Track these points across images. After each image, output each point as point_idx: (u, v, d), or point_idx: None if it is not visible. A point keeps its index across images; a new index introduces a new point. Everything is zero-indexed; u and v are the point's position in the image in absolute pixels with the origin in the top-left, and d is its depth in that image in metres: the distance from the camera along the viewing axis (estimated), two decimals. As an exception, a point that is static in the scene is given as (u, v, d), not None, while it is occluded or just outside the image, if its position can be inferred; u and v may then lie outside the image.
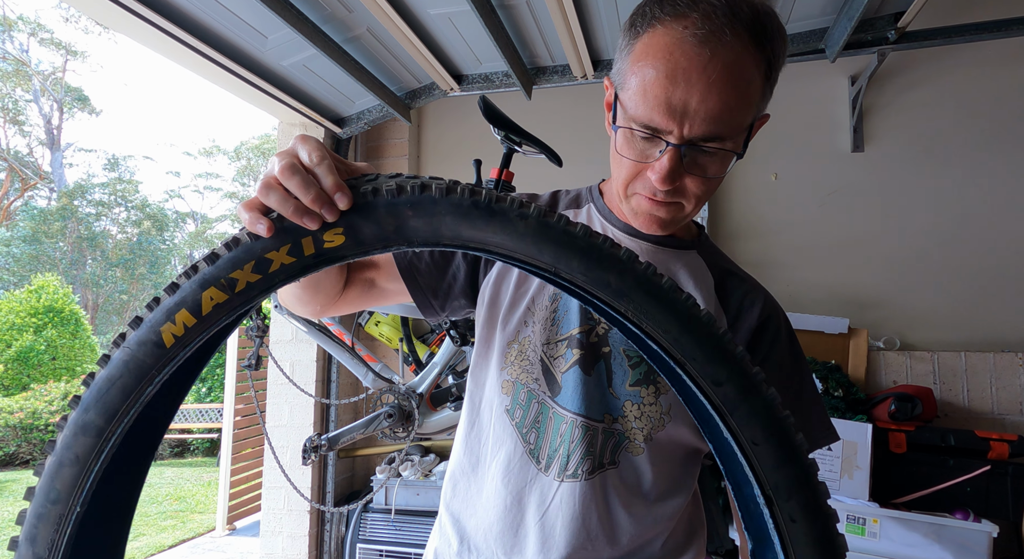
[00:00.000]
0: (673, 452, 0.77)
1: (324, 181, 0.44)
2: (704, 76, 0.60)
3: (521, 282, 0.79)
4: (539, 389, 0.76)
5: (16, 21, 18.17)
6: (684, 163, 0.65)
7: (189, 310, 0.43)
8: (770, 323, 0.78)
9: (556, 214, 0.44)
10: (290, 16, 2.00)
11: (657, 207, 0.69)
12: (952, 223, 2.52)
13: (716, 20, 0.60)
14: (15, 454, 7.89)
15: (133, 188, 20.58)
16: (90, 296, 18.26)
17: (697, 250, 0.81)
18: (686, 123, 0.62)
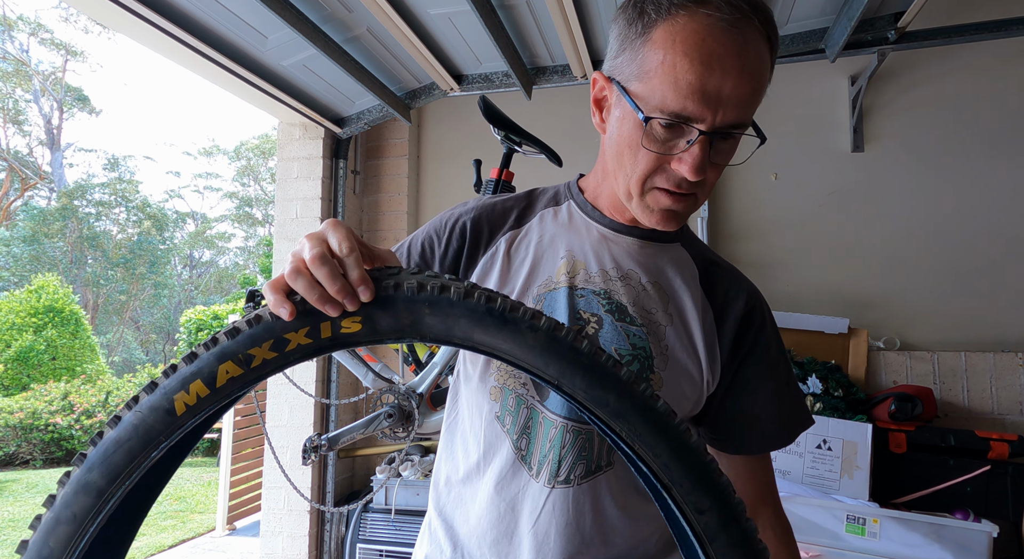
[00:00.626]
0: None
1: (350, 273, 0.46)
2: (738, 62, 0.60)
3: (502, 284, 0.77)
4: (527, 394, 0.74)
5: (16, 21, 18.16)
6: (715, 147, 0.64)
7: (204, 381, 0.44)
8: (755, 313, 0.78)
9: (565, 329, 0.46)
10: (290, 16, 2.00)
11: (676, 201, 0.67)
12: (952, 223, 2.52)
13: (739, 5, 0.60)
14: (15, 454, 7.89)
15: (133, 188, 20.59)
16: (90, 296, 18.26)
17: (680, 242, 0.80)
18: (720, 110, 0.61)
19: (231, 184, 22.91)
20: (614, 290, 0.74)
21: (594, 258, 0.75)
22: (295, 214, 2.91)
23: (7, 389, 9.36)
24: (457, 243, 0.79)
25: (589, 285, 0.74)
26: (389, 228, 3.14)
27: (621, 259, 0.75)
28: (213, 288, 21.70)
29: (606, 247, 0.76)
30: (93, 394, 8.60)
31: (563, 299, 0.74)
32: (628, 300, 0.74)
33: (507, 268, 0.77)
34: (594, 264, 0.75)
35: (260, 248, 21.07)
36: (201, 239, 22.39)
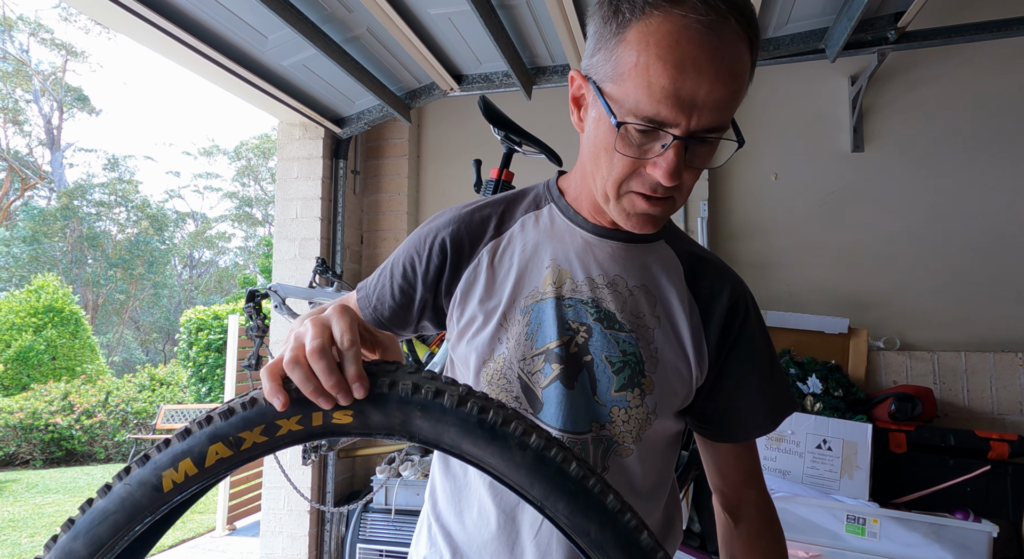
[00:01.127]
0: (658, 444, 0.77)
1: (348, 368, 0.46)
2: (713, 65, 0.58)
3: (488, 296, 0.76)
4: (521, 407, 0.74)
5: (16, 21, 18.17)
6: (690, 152, 0.62)
7: (193, 460, 0.45)
8: (739, 305, 0.78)
9: (555, 448, 0.45)
10: (290, 16, 2.00)
11: (653, 205, 0.66)
12: (952, 223, 2.52)
13: (716, 5, 0.57)
14: (15, 454, 7.89)
15: (133, 188, 20.59)
16: (90, 296, 18.26)
17: (664, 239, 0.80)
18: (694, 115, 0.59)
19: (231, 184, 22.92)
20: (601, 298, 0.74)
21: (580, 266, 0.75)
22: (295, 214, 2.91)
23: (7, 389, 9.36)
24: (438, 260, 0.78)
25: (576, 294, 0.74)
26: (389, 228, 3.14)
27: (606, 265, 0.75)
28: (213, 288, 21.70)
29: (591, 253, 0.75)
30: (93, 394, 8.60)
31: (551, 310, 0.73)
32: (616, 307, 0.73)
33: (492, 280, 0.76)
34: (580, 272, 0.74)
35: (260, 248, 21.07)
36: (201, 239, 22.39)
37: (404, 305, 0.80)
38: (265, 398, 0.46)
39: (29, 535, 4.66)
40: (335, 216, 2.93)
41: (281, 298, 2.26)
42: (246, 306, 2.23)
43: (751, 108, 2.78)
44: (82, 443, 8.14)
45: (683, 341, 0.75)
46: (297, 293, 2.31)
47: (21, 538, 4.58)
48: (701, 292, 0.78)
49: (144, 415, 8.72)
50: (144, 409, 8.76)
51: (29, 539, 4.55)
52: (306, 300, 2.45)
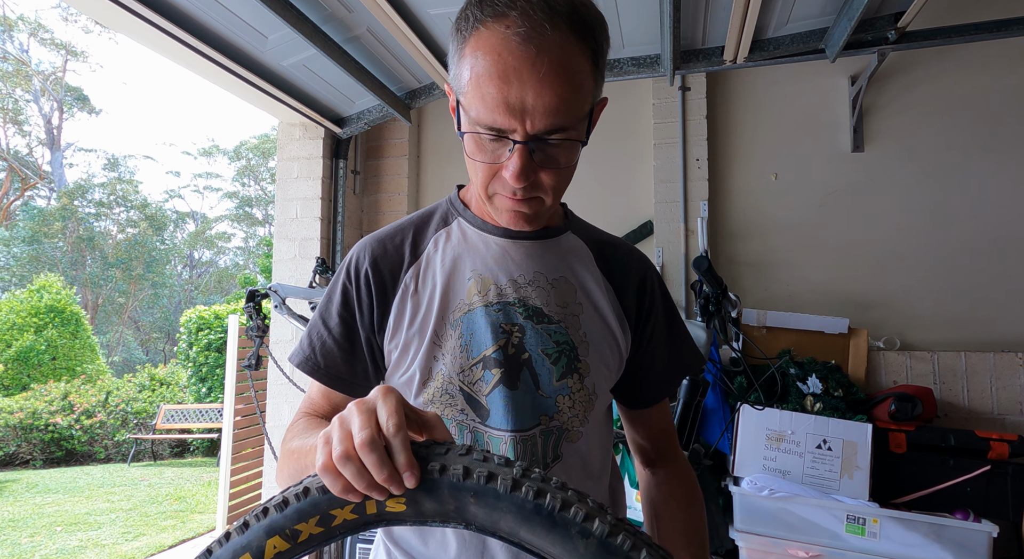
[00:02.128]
0: (599, 422, 0.81)
1: (397, 457, 0.46)
2: (534, 72, 0.61)
3: (417, 319, 0.77)
4: (468, 419, 0.75)
5: (16, 21, 18.17)
6: (535, 158, 0.66)
7: (252, 555, 0.46)
8: (647, 280, 0.85)
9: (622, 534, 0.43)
10: (290, 16, 2.00)
11: (519, 204, 0.70)
12: (952, 223, 2.52)
13: (535, 16, 0.61)
14: (15, 454, 7.89)
15: (133, 188, 20.59)
16: (90, 296, 18.26)
17: (571, 230, 0.85)
18: (527, 120, 0.63)
19: (231, 184, 22.92)
20: (527, 296, 0.77)
21: (500, 271, 0.78)
22: (295, 214, 2.91)
23: (7, 389, 9.36)
24: (367, 296, 0.79)
25: (503, 298, 0.77)
26: (389, 228, 3.14)
27: (524, 265, 0.79)
28: (213, 288, 21.70)
29: (508, 257, 0.79)
30: (93, 394, 8.60)
31: (481, 318, 0.76)
32: (542, 302, 0.77)
33: (418, 303, 0.77)
34: (502, 276, 0.77)
35: (260, 248, 21.07)
36: (201, 239, 22.39)
37: (350, 350, 0.80)
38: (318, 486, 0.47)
39: (29, 535, 4.66)
40: (335, 216, 2.93)
41: (281, 298, 2.26)
42: (246, 306, 2.23)
43: (751, 108, 2.78)
44: (82, 443, 8.14)
45: (607, 320, 0.80)
46: (297, 293, 2.31)
47: (21, 538, 4.58)
48: (613, 273, 0.83)
49: (144, 415, 8.72)
50: (144, 409, 8.76)
51: (29, 539, 4.55)
52: (306, 300, 2.45)
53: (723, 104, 2.82)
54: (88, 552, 4.23)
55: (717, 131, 2.81)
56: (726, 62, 2.39)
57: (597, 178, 2.94)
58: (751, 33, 2.18)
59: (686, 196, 2.77)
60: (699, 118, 2.78)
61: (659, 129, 2.83)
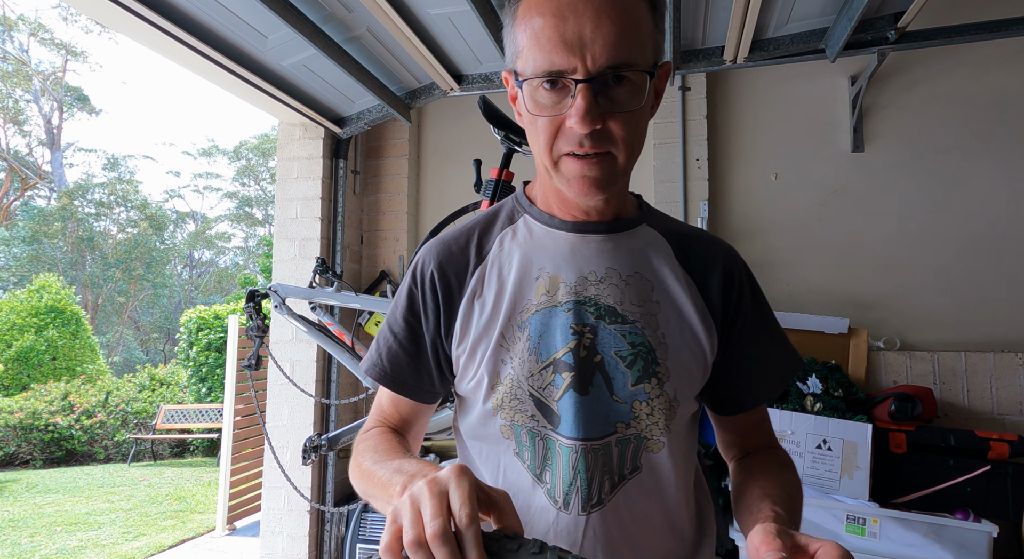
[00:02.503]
0: (683, 432, 0.75)
1: (469, 553, 0.45)
2: (590, 5, 0.60)
3: (484, 322, 0.74)
4: (539, 425, 0.71)
5: (16, 21, 18.17)
6: (600, 102, 0.62)
7: None
8: (734, 275, 0.77)
9: None
10: (290, 16, 2.00)
11: (588, 165, 0.65)
12: (952, 223, 2.52)
13: None
14: (15, 454, 7.89)
15: (133, 188, 20.58)
16: (90, 296, 18.26)
17: (646, 223, 0.78)
18: (587, 54, 0.60)
19: (231, 184, 22.92)
20: (598, 294, 0.72)
21: (569, 268, 0.73)
22: (295, 214, 2.91)
23: (7, 389, 9.36)
24: (432, 301, 0.77)
25: (572, 297, 0.72)
26: (389, 228, 3.14)
27: (595, 261, 0.74)
28: (213, 288, 21.69)
29: (578, 253, 0.74)
30: (93, 394, 8.60)
31: (550, 318, 0.72)
32: (615, 300, 0.72)
33: (485, 306, 0.74)
34: (571, 274, 0.73)
35: (260, 248, 21.07)
36: (201, 239, 22.39)
37: (415, 355, 0.79)
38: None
39: (29, 535, 4.66)
40: (335, 216, 2.93)
41: (281, 298, 2.26)
42: (246, 306, 2.23)
43: (751, 108, 2.78)
44: (82, 443, 8.14)
45: (689, 320, 0.73)
46: (297, 293, 2.31)
47: (21, 538, 4.58)
48: (694, 268, 0.76)
49: (144, 415, 8.71)
50: (144, 409, 8.76)
51: (29, 539, 4.55)
52: (306, 300, 2.45)
53: (723, 104, 2.82)
54: (88, 552, 4.23)
55: (717, 131, 2.81)
56: (726, 62, 2.39)
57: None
58: (751, 33, 2.18)
59: (686, 196, 2.77)
60: (699, 118, 2.78)
61: (659, 129, 2.83)
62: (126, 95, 40.84)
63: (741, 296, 0.77)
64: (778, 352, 0.80)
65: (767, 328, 0.79)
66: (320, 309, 2.53)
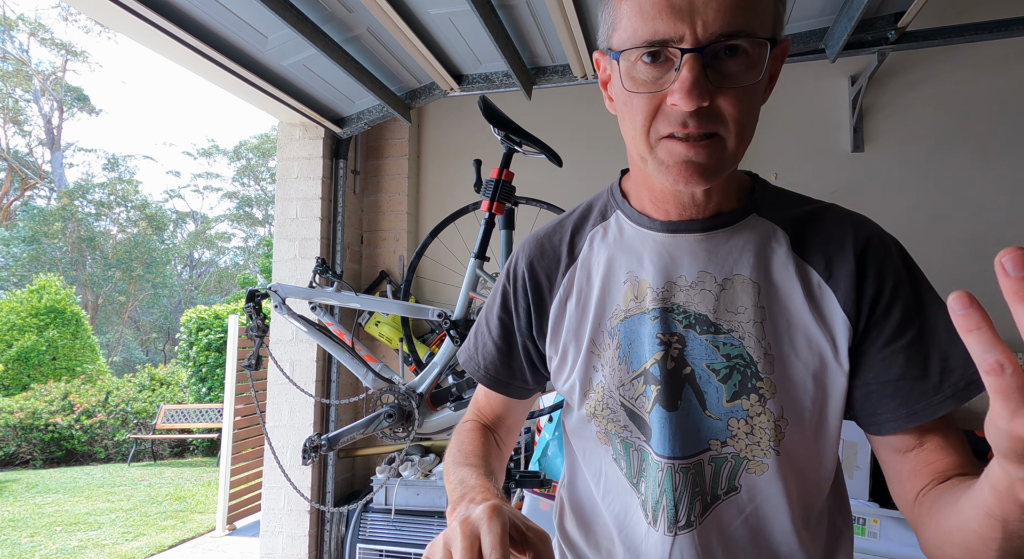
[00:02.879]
0: (805, 455, 0.65)
1: None
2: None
3: (574, 325, 0.71)
4: (632, 436, 0.68)
5: (16, 21, 18.17)
6: (709, 76, 0.53)
7: None
8: (868, 255, 0.63)
9: None
10: (290, 16, 2.00)
11: (692, 149, 0.56)
12: (952, 223, 2.52)
13: None
14: (15, 454, 7.89)
15: (133, 188, 20.59)
16: (90, 296, 18.26)
17: (757, 211, 0.67)
18: (698, 21, 0.51)
19: (231, 184, 22.92)
20: (688, 301, 0.65)
21: (657, 273, 0.67)
22: (295, 214, 2.91)
23: (7, 389, 9.36)
24: (524, 300, 0.75)
25: (660, 303, 0.66)
26: (389, 228, 3.14)
27: (686, 264, 0.66)
28: (213, 288, 21.70)
29: (667, 255, 0.67)
30: (93, 394, 8.60)
31: (638, 326, 0.67)
32: (708, 308, 0.64)
33: (575, 310, 0.72)
34: (659, 279, 0.66)
35: (260, 248, 21.07)
36: (201, 239, 22.39)
37: (507, 353, 0.78)
38: None
39: (29, 535, 4.66)
40: (335, 216, 2.93)
41: (281, 298, 2.26)
42: (246, 306, 2.23)
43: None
44: (82, 443, 8.14)
45: (804, 326, 0.62)
46: (297, 293, 2.31)
47: (21, 538, 4.58)
48: (816, 259, 0.64)
49: (144, 415, 8.72)
50: (144, 409, 8.76)
51: (29, 539, 4.55)
52: (306, 300, 2.45)
53: (723, 104, 2.82)
54: (88, 552, 4.23)
55: (717, 131, 2.81)
56: (726, 62, 2.39)
57: (596, 179, 2.94)
58: (751, 33, 2.18)
59: (686, 196, 2.77)
60: (699, 118, 2.78)
61: (659, 129, 2.82)
62: (126, 95, 40.86)
63: (881, 285, 0.62)
64: (944, 353, 0.60)
65: (924, 322, 0.61)
66: (320, 309, 2.53)
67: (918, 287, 0.63)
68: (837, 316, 0.62)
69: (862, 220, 0.68)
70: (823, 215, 0.68)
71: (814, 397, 0.63)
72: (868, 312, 0.62)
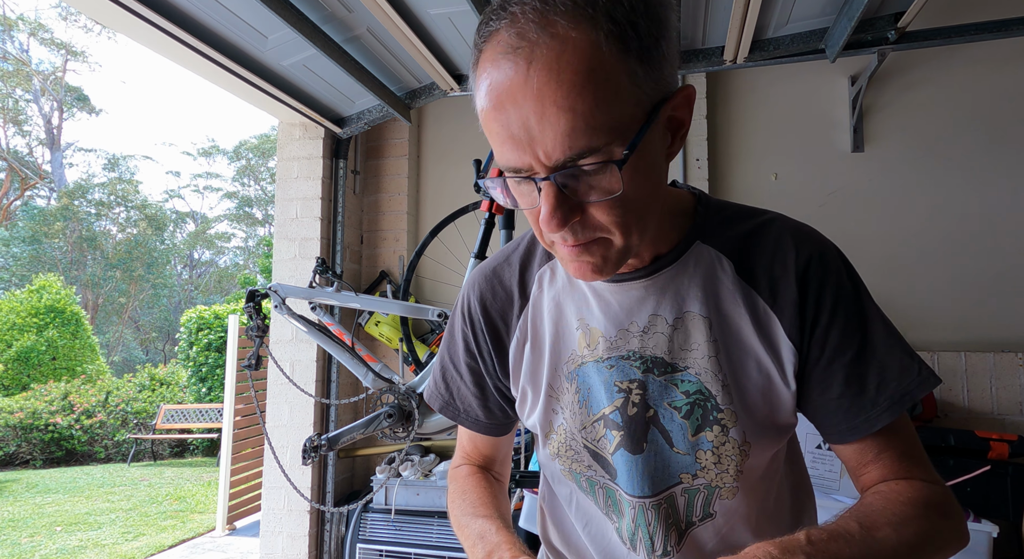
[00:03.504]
0: (760, 468, 0.68)
1: None
2: (528, 89, 0.47)
3: (530, 369, 0.72)
4: (597, 475, 0.70)
5: (16, 21, 18.17)
6: (569, 193, 0.51)
7: None
8: (809, 272, 0.63)
9: None
10: (290, 16, 2.00)
11: (583, 252, 0.55)
12: (952, 223, 2.52)
13: (524, 20, 0.47)
14: (15, 454, 7.89)
15: (133, 188, 20.59)
16: (90, 296, 18.26)
17: (700, 239, 0.66)
18: (539, 151, 0.49)
19: (231, 184, 22.93)
20: (643, 346, 0.65)
21: (607, 321, 0.66)
22: (295, 214, 2.91)
23: (7, 389, 9.36)
24: (485, 343, 0.75)
25: (614, 352, 0.66)
26: (389, 228, 3.14)
27: (635, 311, 0.65)
28: (213, 288, 21.70)
29: (616, 304, 0.66)
30: (93, 394, 8.60)
31: (595, 374, 0.67)
32: (663, 350, 0.65)
33: (531, 355, 0.72)
34: (610, 328, 0.66)
35: (260, 248, 21.08)
36: (201, 239, 22.40)
37: (482, 397, 0.78)
38: None
39: (29, 535, 4.66)
40: (335, 216, 2.93)
41: (281, 298, 2.26)
42: (246, 306, 2.23)
43: (751, 108, 2.78)
44: (82, 443, 8.14)
45: (754, 352, 0.63)
46: (297, 293, 2.31)
47: (21, 538, 4.58)
48: (760, 283, 0.64)
49: (144, 415, 8.72)
50: (144, 409, 8.76)
51: (29, 539, 4.55)
52: (306, 300, 2.45)
53: (723, 104, 2.82)
54: (88, 552, 4.23)
55: (717, 131, 2.81)
56: (726, 62, 2.39)
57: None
58: (751, 33, 2.18)
59: (686, 196, 2.76)
60: (699, 118, 2.78)
61: (659, 129, 2.82)
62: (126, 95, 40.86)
63: (820, 301, 0.62)
64: (881, 367, 0.61)
65: (863, 338, 0.62)
66: (320, 309, 2.53)
67: (858, 303, 0.64)
68: (783, 343, 0.63)
69: (803, 236, 0.66)
70: (766, 231, 0.66)
71: (768, 414, 0.65)
72: (809, 334, 0.63)
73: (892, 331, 0.63)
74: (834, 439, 0.65)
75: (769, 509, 0.71)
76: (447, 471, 2.63)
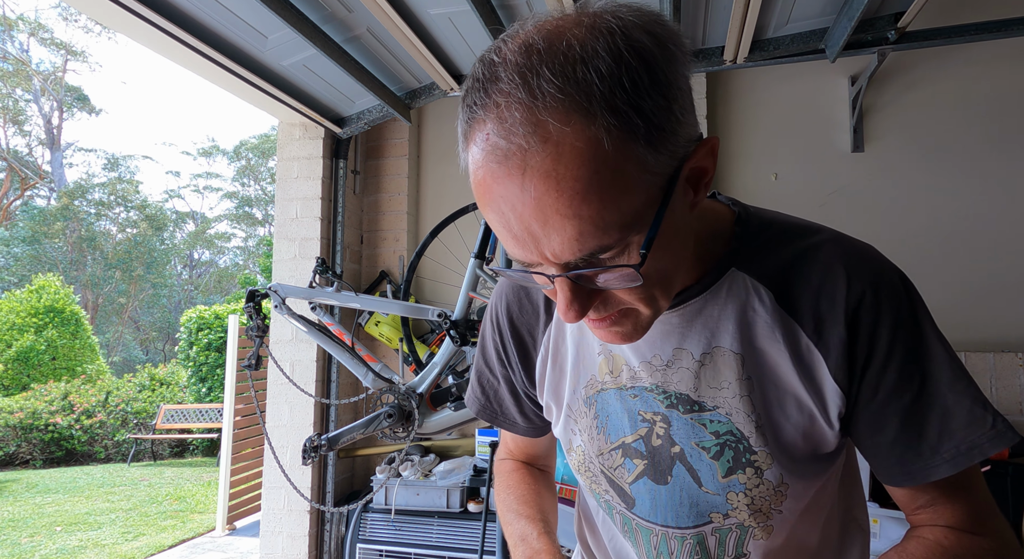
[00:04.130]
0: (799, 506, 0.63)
1: None
2: (526, 198, 0.42)
3: (552, 385, 0.71)
4: (614, 501, 0.68)
5: (16, 21, 18.17)
6: (585, 283, 0.48)
7: None
8: (861, 314, 0.55)
9: None
10: (290, 16, 2.00)
11: (609, 324, 0.52)
12: (952, 223, 2.52)
13: (509, 120, 0.42)
14: (15, 454, 7.89)
15: (133, 188, 20.59)
16: (89, 296, 18.26)
17: (736, 265, 0.59)
18: (545, 251, 0.45)
19: (231, 184, 22.93)
20: (667, 381, 0.61)
21: (630, 351, 0.62)
22: (295, 214, 2.91)
23: (7, 389, 9.37)
24: (515, 353, 0.74)
25: (638, 382, 0.62)
26: (389, 228, 3.14)
27: (659, 344, 0.61)
28: (213, 288, 21.70)
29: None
30: (93, 394, 8.60)
31: (615, 402, 0.64)
32: (689, 386, 0.60)
33: (551, 370, 0.71)
34: (633, 358, 0.62)
35: (260, 248, 21.08)
36: (201, 239, 22.40)
37: (517, 402, 0.79)
38: None
39: (29, 535, 4.66)
40: (335, 216, 2.93)
41: (281, 298, 2.26)
42: (246, 306, 2.23)
43: (751, 108, 2.78)
44: (82, 443, 8.15)
45: (795, 391, 0.58)
46: (297, 293, 2.31)
47: (21, 538, 4.58)
48: (804, 316, 0.57)
49: (144, 415, 8.72)
50: (144, 409, 8.76)
51: (29, 539, 4.55)
52: (306, 300, 2.45)
53: (723, 104, 2.82)
54: (88, 552, 4.23)
55: (717, 131, 2.81)
56: (726, 62, 2.39)
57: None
58: (751, 33, 2.18)
59: (686, 196, 2.76)
60: (699, 118, 2.78)
61: (659, 129, 2.82)
62: (126, 95, 40.87)
63: (874, 341, 0.55)
64: (944, 413, 0.55)
65: (923, 380, 0.55)
66: (320, 309, 2.53)
67: (920, 341, 0.56)
68: (828, 385, 0.57)
69: (856, 264, 0.57)
70: (813, 258, 0.58)
71: (809, 453, 0.60)
72: (860, 376, 0.57)
73: (961, 375, 0.55)
74: (885, 480, 0.60)
75: (810, 547, 0.66)
76: (447, 471, 2.64)
